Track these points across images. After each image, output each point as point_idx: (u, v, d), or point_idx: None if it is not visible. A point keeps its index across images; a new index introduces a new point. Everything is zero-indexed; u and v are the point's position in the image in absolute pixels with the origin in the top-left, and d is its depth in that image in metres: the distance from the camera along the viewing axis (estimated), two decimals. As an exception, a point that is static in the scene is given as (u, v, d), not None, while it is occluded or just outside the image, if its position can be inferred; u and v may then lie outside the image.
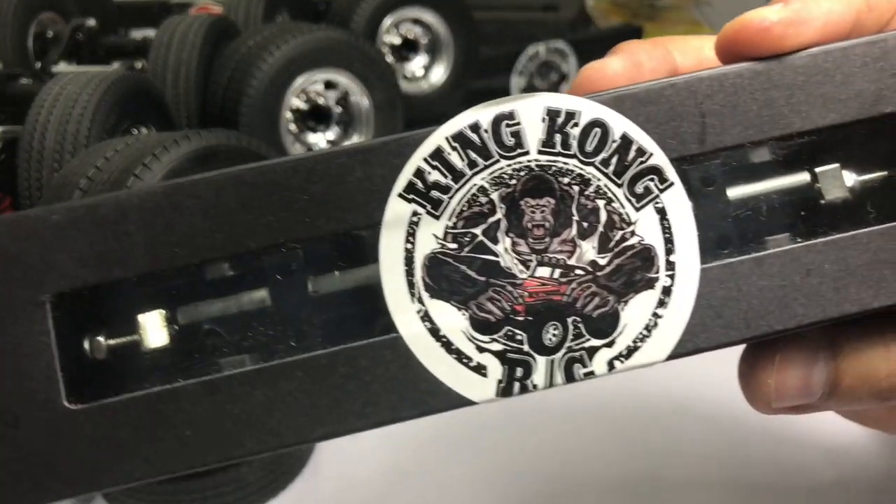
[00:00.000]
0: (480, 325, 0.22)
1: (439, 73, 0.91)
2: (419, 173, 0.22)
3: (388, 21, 0.87)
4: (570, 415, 0.58)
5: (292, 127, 0.70)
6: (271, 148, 0.50)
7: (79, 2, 1.02)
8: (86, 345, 0.23)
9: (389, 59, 0.90)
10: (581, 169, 0.23)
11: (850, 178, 0.24)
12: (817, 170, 0.24)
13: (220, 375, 0.22)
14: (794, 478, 0.50)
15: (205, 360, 0.23)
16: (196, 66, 0.70)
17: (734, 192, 0.24)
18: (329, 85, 0.70)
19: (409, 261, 0.22)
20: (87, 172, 0.47)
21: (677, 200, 0.23)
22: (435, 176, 0.22)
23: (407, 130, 0.22)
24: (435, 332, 0.22)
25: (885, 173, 0.24)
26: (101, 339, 0.23)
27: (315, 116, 0.71)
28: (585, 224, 0.23)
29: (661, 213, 0.23)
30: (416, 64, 0.92)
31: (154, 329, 0.23)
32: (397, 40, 0.90)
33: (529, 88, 1.09)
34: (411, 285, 0.22)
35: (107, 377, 0.23)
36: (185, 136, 0.46)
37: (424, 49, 0.91)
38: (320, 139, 0.72)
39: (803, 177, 0.24)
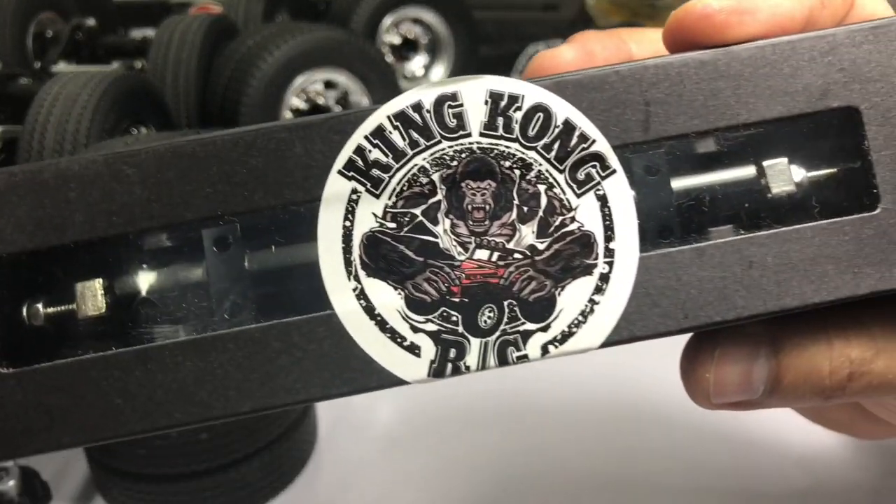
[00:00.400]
0: (416, 305, 0.22)
1: (439, 73, 0.91)
2: (360, 151, 0.22)
3: (388, 20, 0.87)
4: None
5: (292, 126, 0.70)
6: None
7: (78, 1, 1.02)
8: (24, 310, 0.22)
9: (389, 58, 0.90)
10: (523, 153, 0.23)
11: (798, 173, 0.24)
12: (764, 163, 0.24)
13: (152, 345, 0.22)
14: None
15: (139, 329, 0.23)
16: (196, 65, 0.70)
17: (678, 182, 0.24)
18: (329, 84, 0.70)
19: (346, 238, 0.22)
20: (86, 172, 0.47)
21: (619, 188, 0.23)
22: (376, 154, 0.22)
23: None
24: (370, 310, 0.22)
25: (832, 170, 0.24)
26: (39, 305, 0.22)
27: (315, 116, 0.72)
28: (526, 208, 0.23)
29: (603, 200, 0.23)
30: (416, 63, 0.92)
31: (91, 297, 0.23)
32: (397, 40, 0.90)
33: (529, 88, 1.09)
34: (348, 263, 0.22)
35: (43, 343, 0.23)
36: (185, 135, 0.46)
37: (424, 48, 0.91)
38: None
39: (749, 170, 0.24)
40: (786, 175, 0.24)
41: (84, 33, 0.96)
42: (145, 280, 0.23)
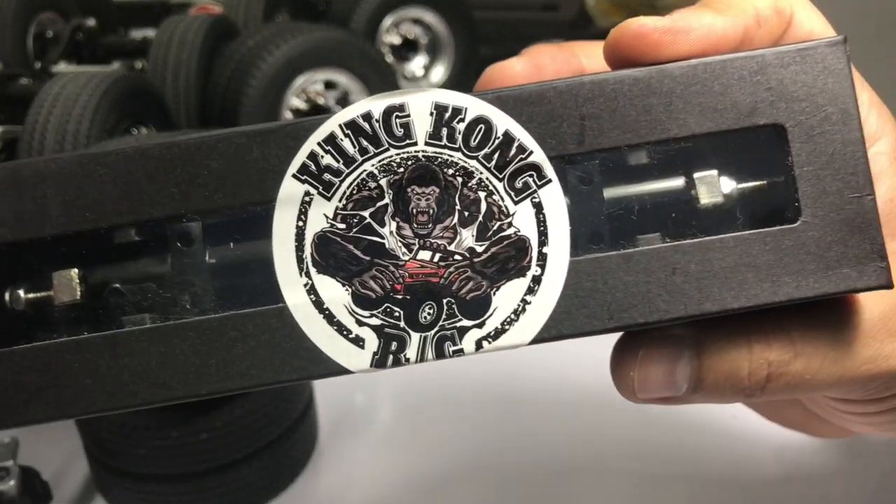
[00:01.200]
0: (361, 301, 0.24)
1: (439, 73, 0.91)
2: (313, 156, 0.24)
3: (388, 21, 0.87)
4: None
5: (292, 127, 0.70)
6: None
7: (79, 2, 1.02)
8: (6, 296, 0.24)
9: (389, 58, 0.90)
10: (465, 162, 0.24)
11: (728, 185, 0.25)
12: (695, 175, 0.25)
13: (120, 331, 0.24)
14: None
15: (109, 316, 0.25)
16: (196, 65, 0.70)
17: (610, 192, 0.25)
18: (329, 85, 0.70)
19: (299, 237, 0.24)
20: (86, 172, 0.47)
21: (553, 196, 0.24)
22: (328, 160, 0.24)
23: None
24: (319, 304, 0.24)
25: (759, 182, 0.25)
26: (20, 291, 0.24)
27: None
28: (466, 213, 0.24)
29: (538, 207, 0.24)
30: (416, 64, 0.92)
31: (67, 285, 0.24)
32: (397, 40, 0.90)
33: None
34: (300, 260, 0.24)
35: (21, 326, 0.24)
36: (185, 135, 0.46)
37: (424, 49, 0.91)
38: (320, 139, 0.72)
39: (679, 181, 0.25)
40: (715, 187, 0.25)
41: (84, 33, 0.96)
42: (115, 271, 0.25)
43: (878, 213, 0.24)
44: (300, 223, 0.24)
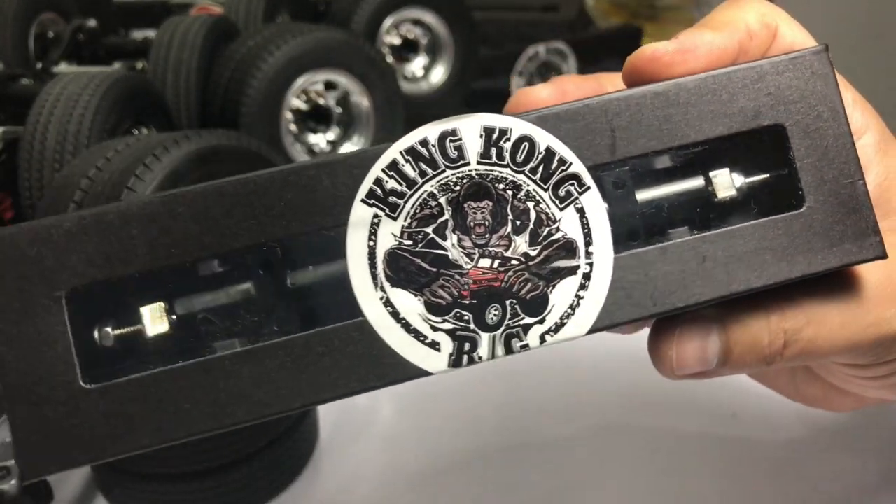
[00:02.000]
0: (433, 308, 0.26)
1: (439, 74, 0.91)
2: (378, 182, 0.26)
3: (388, 22, 0.87)
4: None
5: (293, 127, 0.70)
6: (272, 148, 0.50)
7: (79, 2, 1.02)
8: (95, 334, 0.25)
9: (389, 59, 0.90)
10: (513, 176, 0.27)
11: (739, 180, 0.29)
12: (710, 173, 0.28)
13: (213, 356, 0.25)
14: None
15: (200, 343, 0.26)
16: (196, 66, 0.70)
17: (642, 194, 0.28)
18: (329, 85, 0.70)
19: (371, 255, 0.26)
20: (87, 172, 0.47)
21: (593, 201, 0.27)
22: (392, 184, 0.26)
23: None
24: (395, 314, 0.26)
25: (765, 175, 0.29)
26: (108, 329, 0.26)
27: (315, 117, 0.71)
28: (518, 222, 0.27)
29: (581, 212, 0.27)
30: (417, 64, 0.92)
31: (155, 319, 0.26)
32: (397, 41, 0.90)
33: (529, 89, 1.09)
34: (374, 276, 0.26)
35: (117, 360, 0.26)
36: (186, 136, 0.46)
37: (424, 50, 0.91)
38: (320, 139, 0.72)
39: (699, 180, 0.29)
40: (728, 182, 0.28)
41: (85, 34, 0.96)
42: (202, 301, 0.27)
43: (868, 196, 0.28)
44: (371, 243, 0.26)
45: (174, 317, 0.26)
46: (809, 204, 0.28)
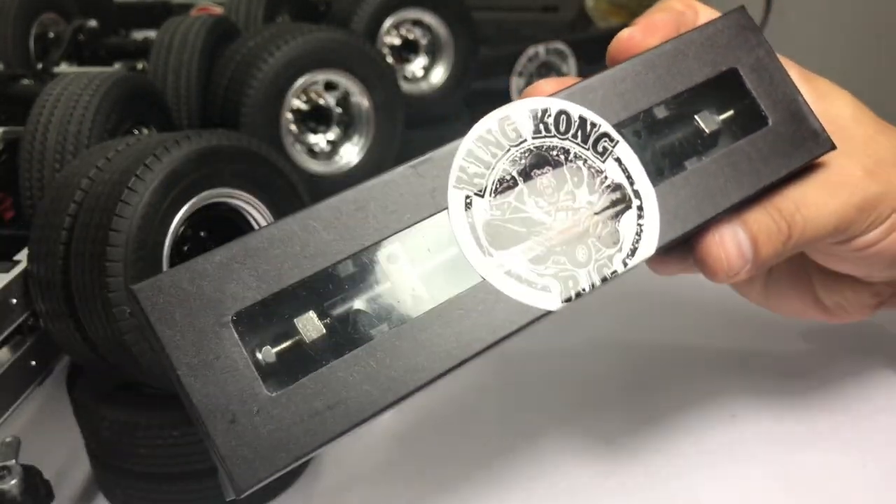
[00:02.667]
0: (535, 260, 0.32)
1: (439, 74, 0.91)
2: (462, 169, 0.32)
3: (388, 22, 0.87)
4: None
5: (293, 127, 0.70)
6: (272, 148, 0.50)
7: (80, 3, 1.02)
8: (259, 355, 0.28)
9: (390, 59, 0.90)
10: (562, 143, 0.33)
11: (719, 116, 0.37)
12: (696, 115, 0.37)
13: (373, 340, 0.29)
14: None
15: (357, 333, 0.30)
16: (197, 66, 0.70)
17: (656, 140, 0.36)
18: (329, 86, 0.70)
19: (473, 229, 0.31)
20: (88, 173, 0.47)
21: (625, 151, 0.34)
22: (473, 168, 0.32)
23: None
24: (508, 272, 0.31)
25: (735, 108, 0.38)
26: (267, 347, 0.28)
27: (315, 117, 0.71)
28: (575, 178, 0.33)
29: (618, 161, 0.34)
30: (417, 65, 0.92)
31: (310, 326, 0.29)
32: (397, 41, 0.90)
33: (529, 89, 1.09)
34: (480, 245, 0.31)
35: (293, 364, 0.28)
36: (186, 136, 0.46)
37: (424, 50, 0.91)
38: (321, 139, 0.72)
39: (691, 122, 0.37)
40: (711, 118, 0.37)
41: (86, 34, 0.96)
42: (347, 299, 0.30)
43: (809, 107, 0.38)
44: (470, 220, 0.31)
45: (327, 320, 0.29)
46: (773, 120, 0.37)
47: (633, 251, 0.33)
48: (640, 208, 0.34)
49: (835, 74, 0.43)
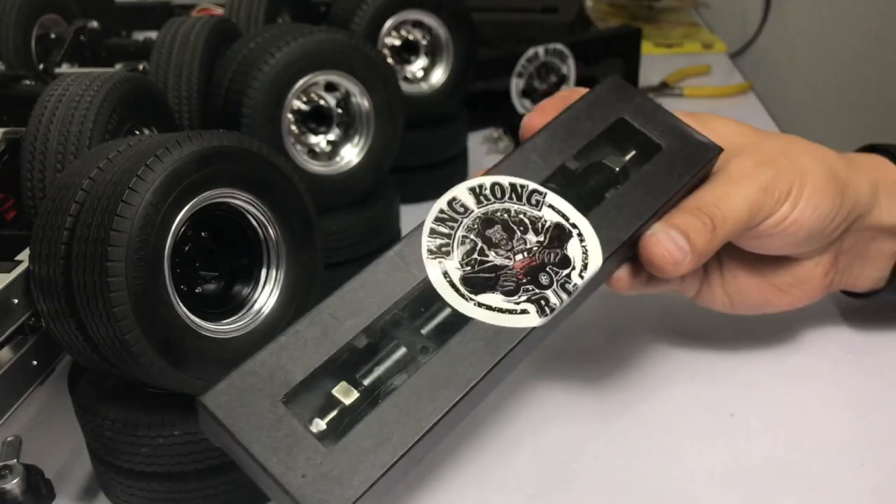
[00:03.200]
0: (509, 293, 0.40)
1: (439, 75, 0.92)
2: (430, 241, 0.40)
3: (388, 23, 0.87)
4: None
5: (293, 128, 0.71)
6: (273, 149, 0.50)
7: (81, 4, 1.02)
8: (312, 428, 0.35)
9: (390, 60, 0.90)
10: (502, 205, 0.42)
11: (622, 156, 0.48)
12: (604, 160, 0.47)
13: (399, 385, 0.37)
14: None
15: (383, 386, 0.38)
16: (198, 67, 0.71)
17: (578, 184, 0.47)
18: (330, 87, 0.71)
19: (453, 285, 0.39)
20: (89, 173, 0.47)
21: (554, 198, 0.44)
22: (438, 241, 0.40)
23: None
24: (490, 308, 0.39)
25: (633, 147, 0.48)
26: (317, 420, 0.36)
27: (316, 118, 0.72)
28: (521, 227, 0.42)
29: (551, 206, 0.43)
30: (417, 66, 0.92)
31: (345, 393, 0.37)
32: (398, 42, 0.91)
33: (529, 90, 1.09)
34: (462, 294, 0.39)
35: (339, 423, 0.36)
36: (187, 136, 0.46)
37: (425, 51, 0.92)
38: (321, 140, 0.72)
39: (601, 163, 0.47)
40: (617, 159, 0.47)
41: (87, 35, 0.96)
42: (370, 364, 0.38)
43: (688, 125, 0.48)
44: (447, 278, 0.39)
45: (357, 385, 0.37)
46: (665, 145, 0.47)
47: (585, 266, 0.41)
48: (580, 235, 0.42)
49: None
